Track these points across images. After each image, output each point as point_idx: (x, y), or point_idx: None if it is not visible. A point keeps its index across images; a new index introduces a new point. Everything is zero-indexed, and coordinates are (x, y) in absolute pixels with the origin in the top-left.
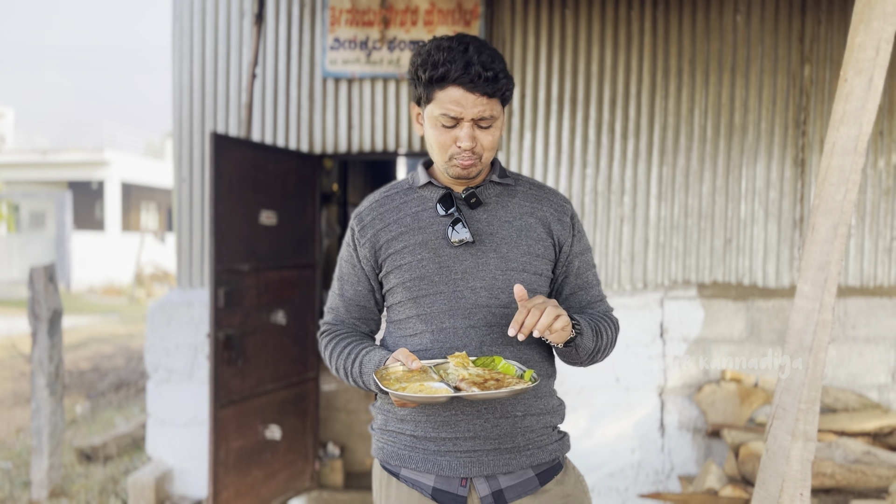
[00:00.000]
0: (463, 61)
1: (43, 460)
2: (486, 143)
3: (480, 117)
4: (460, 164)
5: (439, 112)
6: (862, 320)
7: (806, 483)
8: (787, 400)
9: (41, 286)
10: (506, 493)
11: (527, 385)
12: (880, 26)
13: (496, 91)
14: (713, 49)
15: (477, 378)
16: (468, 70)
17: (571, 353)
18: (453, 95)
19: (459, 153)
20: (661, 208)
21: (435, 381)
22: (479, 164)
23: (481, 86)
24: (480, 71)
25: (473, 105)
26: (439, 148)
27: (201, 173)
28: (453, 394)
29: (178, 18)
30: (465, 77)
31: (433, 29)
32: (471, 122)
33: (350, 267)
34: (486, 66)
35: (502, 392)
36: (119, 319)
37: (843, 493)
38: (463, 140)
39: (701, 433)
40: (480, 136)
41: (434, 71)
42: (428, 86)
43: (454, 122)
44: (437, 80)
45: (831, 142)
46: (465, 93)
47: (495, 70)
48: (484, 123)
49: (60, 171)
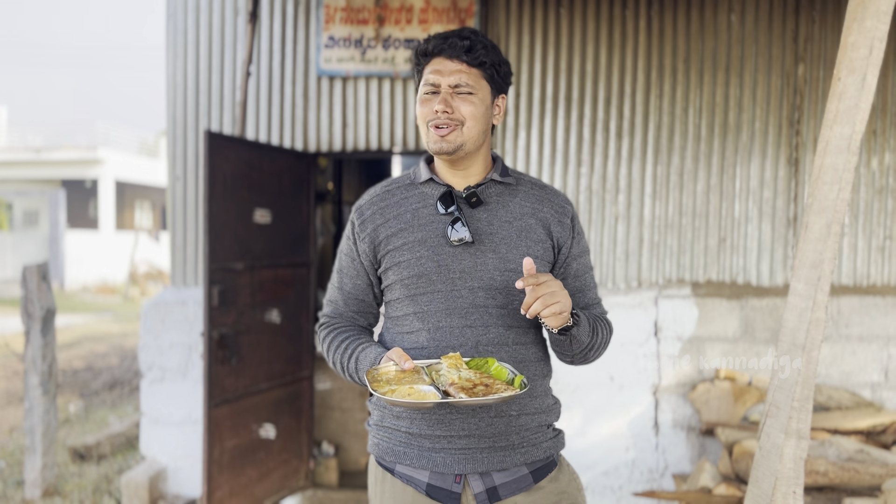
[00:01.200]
0: (443, 36)
1: (36, 459)
2: (465, 112)
3: (457, 84)
4: (436, 131)
5: (423, 84)
6: (855, 319)
7: (799, 481)
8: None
9: (34, 285)
10: (500, 489)
11: (514, 392)
12: (874, 25)
13: (474, 59)
14: (707, 48)
15: (466, 383)
16: (446, 40)
17: (564, 344)
18: (434, 65)
19: (434, 118)
20: (656, 207)
21: (425, 384)
22: (458, 131)
23: (458, 53)
24: (456, 41)
25: (451, 72)
26: (422, 119)
27: (195, 172)
28: (440, 400)
29: (171, 16)
30: (443, 44)
31: (428, 27)
32: (448, 90)
33: (350, 260)
34: (464, 36)
35: (489, 399)
36: (113, 318)
37: (836, 491)
38: (437, 103)
39: (695, 432)
40: (459, 104)
41: (425, 47)
42: (418, 66)
43: (434, 90)
44: (423, 54)
45: (825, 140)
46: (444, 59)
47: (473, 40)
48: (461, 90)
49: (54, 169)
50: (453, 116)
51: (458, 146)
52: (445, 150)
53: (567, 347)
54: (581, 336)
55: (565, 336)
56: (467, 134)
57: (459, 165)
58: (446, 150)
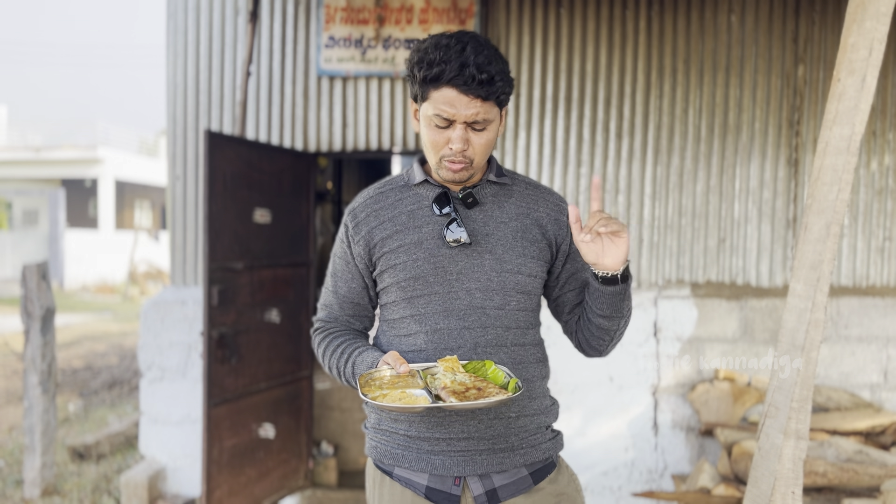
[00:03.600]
0: (458, 62)
1: (35, 458)
2: (479, 147)
3: (474, 120)
4: (450, 166)
5: (433, 112)
6: (854, 320)
7: (798, 481)
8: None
9: (34, 284)
10: (499, 491)
11: (505, 397)
12: (873, 26)
13: (491, 94)
14: (707, 49)
15: (459, 387)
16: (462, 72)
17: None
18: (447, 96)
19: (450, 154)
20: (655, 208)
21: (418, 388)
22: (469, 168)
23: (475, 88)
24: (475, 73)
25: (467, 107)
26: (432, 147)
27: (195, 171)
28: (429, 405)
29: (172, 16)
30: (459, 79)
31: (428, 27)
32: (463, 125)
33: (344, 264)
34: (482, 69)
35: (479, 403)
36: (112, 317)
37: (835, 491)
38: (454, 142)
39: (694, 432)
40: (473, 139)
41: (429, 70)
42: (423, 85)
43: (447, 123)
44: (432, 79)
45: (824, 141)
46: (459, 94)
47: (491, 73)
48: (477, 126)
49: (54, 168)
50: (467, 153)
51: (469, 176)
52: (457, 180)
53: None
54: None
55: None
56: (478, 165)
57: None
58: (458, 180)
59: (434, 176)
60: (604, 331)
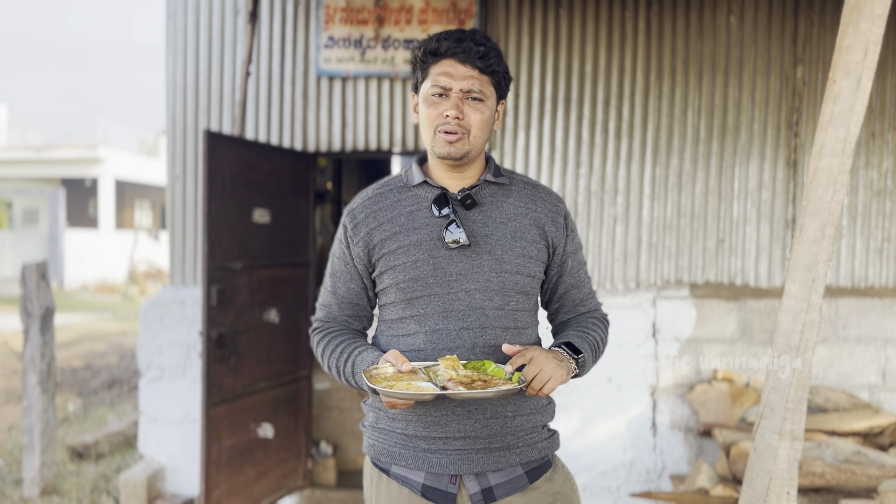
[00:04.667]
0: (457, 37)
1: (35, 458)
2: (474, 120)
3: (469, 89)
4: (445, 137)
5: (430, 85)
6: (853, 321)
7: (793, 482)
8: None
9: (33, 283)
10: (495, 490)
11: (513, 386)
12: (868, 28)
13: (487, 67)
14: (706, 50)
15: (465, 379)
16: (460, 44)
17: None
18: (445, 67)
19: (444, 123)
20: (654, 208)
21: (423, 382)
22: (466, 140)
23: (472, 58)
24: (472, 45)
25: (463, 77)
26: (428, 122)
27: (195, 171)
28: (439, 392)
29: (171, 16)
30: (456, 48)
31: (427, 28)
32: (459, 94)
33: (343, 264)
34: (479, 42)
35: (488, 392)
36: (112, 317)
37: (832, 492)
38: (449, 108)
39: (692, 433)
40: (469, 112)
41: (429, 45)
42: (423, 63)
43: (444, 92)
44: (431, 52)
45: (819, 143)
46: (456, 63)
47: (488, 47)
48: (473, 96)
49: (54, 168)
50: (463, 123)
51: (465, 153)
52: (453, 155)
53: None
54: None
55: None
56: (474, 142)
57: (459, 169)
58: (454, 155)
59: (433, 175)
60: None
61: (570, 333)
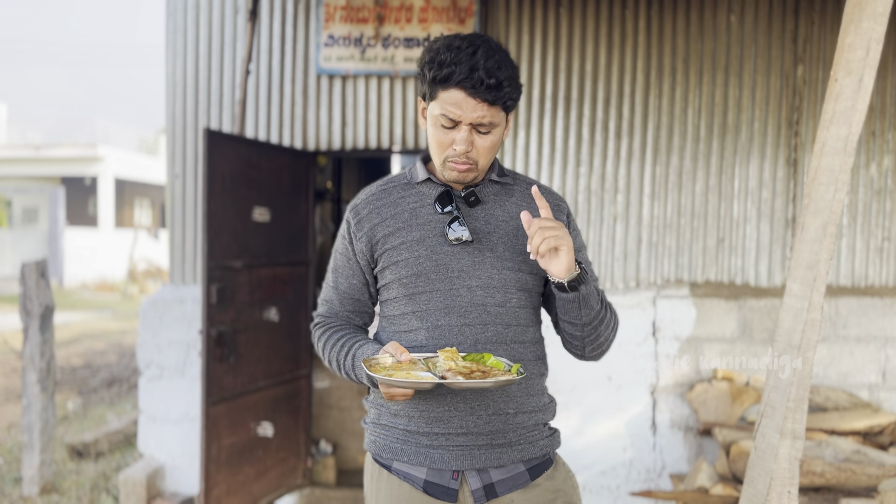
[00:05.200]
0: (468, 65)
1: (34, 457)
2: (483, 149)
3: (479, 123)
4: (454, 167)
5: (439, 112)
6: (853, 320)
7: (794, 481)
8: (775, 398)
9: (33, 282)
10: (497, 486)
11: (511, 377)
12: (870, 27)
13: (498, 99)
14: (706, 48)
15: (464, 369)
16: (472, 75)
17: (573, 308)
18: (454, 98)
19: (454, 155)
20: (654, 207)
21: (423, 372)
22: (474, 169)
23: (483, 92)
24: (483, 77)
25: (473, 110)
26: (437, 147)
27: (194, 169)
28: (438, 380)
29: (171, 14)
30: (467, 82)
31: (427, 27)
32: (469, 126)
33: (345, 260)
34: (491, 73)
35: (487, 382)
36: (112, 316)
37: (832, 491)
38: (458, 143)
39: (692, 432)
40: (478, 141)
41: (438, 71)
42: (432, 84)
43: (453, 124)
44: (441, 80)
45: (821, 141)
46: (466, 97)
47: (500, 78)
48: (482, 129)
49: (53, 166)
50: (471, 155)
51: (472, 179)
52: (460, 181)
53: (577, 312)
54: (590, 298)
55: (574, 293)
56: (483, 167)
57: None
58: (461, 181)
59: (437, 175)
60: (572, 335)
61: None
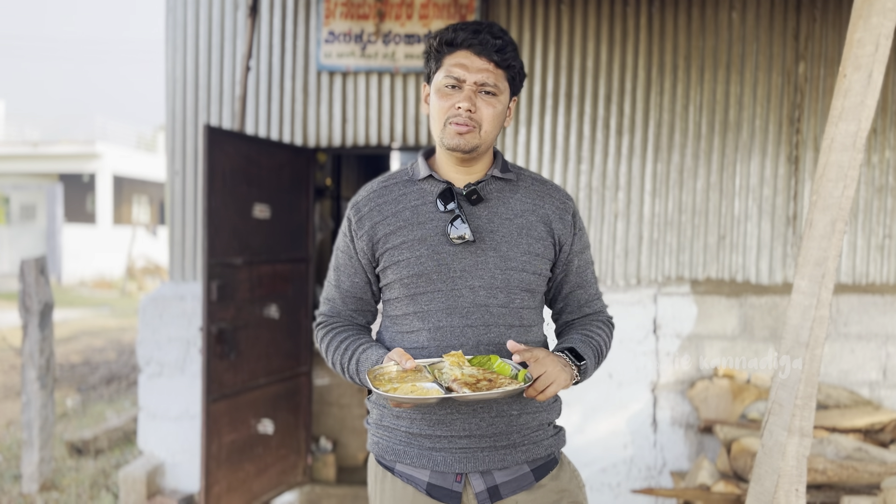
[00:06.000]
0: (473, 28)
1: (33, 454)
2: (486, 114)
3: (483, 82)
4: (456, 127)
5: (444, 76)
6: (854, 317)
7: (801, 479)
8: (783, 396)
9: (32, 279)
10: (501, 488)
11: (518, 386)
12: (880, 22)
13: (503, 60)
14: (708, 46)
15: (469, 378)
16: (477, 34)
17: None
18: (460, 58)
19: (456, 114)
20: (655, 204)
21: (428, 382)
22: (476, 133)
23: (488, 51)
24: (489, 38)
25: (478, 69)
26: (439, 114)
27: (194, 166)
28: (444, 395)
29: (171, 10)
30: (473, 39)
31: (428, 23)
32: (473, 87)
33: (347, 258)
34: (496, 35)
35: (493, 393)
36: (110, 313)
37: (834, 489)
38: (462, 101)
39: (693, 429)
40: (481, 105)
41: (445, 35)
42: (438, 53)
43: (457, 84)
44: (447, 43)
45: (829, 138)
46: (472, 55)
47: (505, 40)
48: (486, 89)
49: (51, 163)
50: (474, 116)
51: (474, 146)
52: (462, 147)
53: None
54: (590, 373)
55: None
56: (484, 137)
57: (467, 163)
58: (463, 147)
59: (439, 170)
60: None
61: (574, 338)
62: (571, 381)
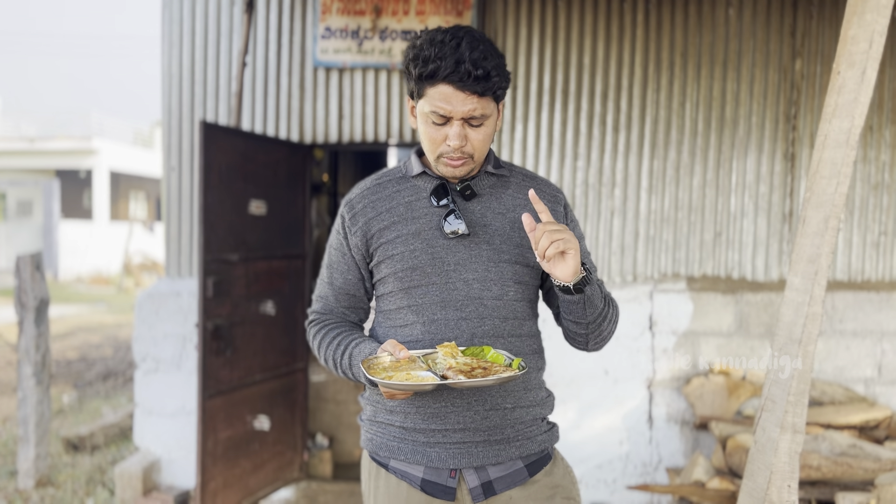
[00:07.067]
0: (454, 59)
1: (29, 450)
2: (477, 142)
3: (471, 116)
4: (449, 163)
5: (429, 109)
6: (849, 314)
7: (794, 475)
8: (776, 392)
9: (28, 275)
10: (495, 483)
11: (514, 373)
12: (874, 19)
13: (487, 90)
14: (705, 42)
15: (464, 367)
16: (458, 68)
17: (578, 308)
18: (443, 93)
19: (448, 151)
20: (652, 201)
21: (422, 370)
22: (470, 162)
23: (471, 85)
24: (471, 69)
25: (463, 104)
26: (430, 144)
27: (190, 162)
28: (439, 381)
29: (167, 5)
30: (454, 76)
31: (425, 19)
32: (461, 121)
33: (340, 255)
34: (477, 64)
35: (489, 380)
36: (107, 309)
37: (829, 485)
38: (452, 139)
39: (689, 426)
40: (471, 134)
41: (424, 67)
42: (419, 82)
43: (444, 120)
44: (427, 76)
45: (823, 134)
46: (455, 91)
47: (486, 68)
48: (475, 122)
49: (48, 159)
50: (466, 149)
51: (468, 172)
52: (457, 176)
53: (581, 312)
54: (594, 297)
55: (579, 295)
56: (478, 159)
57: None
58: (458, 176)
59: (429, 165)
60: (575, 332)
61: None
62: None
